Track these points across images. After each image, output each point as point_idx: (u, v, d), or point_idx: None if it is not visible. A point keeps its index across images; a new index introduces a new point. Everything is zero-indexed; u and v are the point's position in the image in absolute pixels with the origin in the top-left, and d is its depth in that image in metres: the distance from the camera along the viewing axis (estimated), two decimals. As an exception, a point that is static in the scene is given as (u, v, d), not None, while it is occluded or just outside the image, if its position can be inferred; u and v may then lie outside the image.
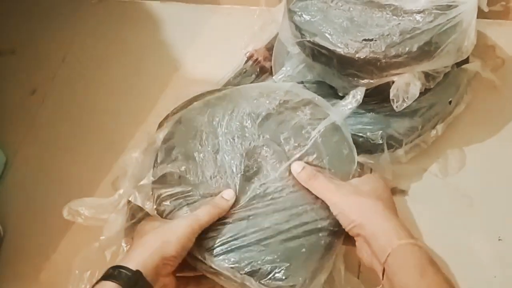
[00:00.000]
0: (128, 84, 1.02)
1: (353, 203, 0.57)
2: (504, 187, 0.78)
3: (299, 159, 0.62)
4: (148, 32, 1.10)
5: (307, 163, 0.62)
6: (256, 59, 0.94)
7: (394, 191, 0.80)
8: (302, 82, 0.84)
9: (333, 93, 0.82)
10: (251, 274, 0.54)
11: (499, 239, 0.74)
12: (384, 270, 0.53)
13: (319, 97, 0.69)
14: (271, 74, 0.91)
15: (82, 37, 1.12)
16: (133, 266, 0.52)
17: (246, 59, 0.95)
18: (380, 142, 0.76)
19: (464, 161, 0.81)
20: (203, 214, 0.57)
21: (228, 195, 0.60)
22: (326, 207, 0.58)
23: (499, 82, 0.84)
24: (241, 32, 1.00)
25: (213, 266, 0.55)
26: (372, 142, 0.77)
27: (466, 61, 0.81)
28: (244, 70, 0.93)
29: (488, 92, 0.86)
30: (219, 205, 0.59)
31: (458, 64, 0.79)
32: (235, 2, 1.07)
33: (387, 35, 0.68)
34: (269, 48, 0.94)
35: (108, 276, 0.52)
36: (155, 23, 1.11)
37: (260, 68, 0.93)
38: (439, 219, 0.77)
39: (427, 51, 0.68)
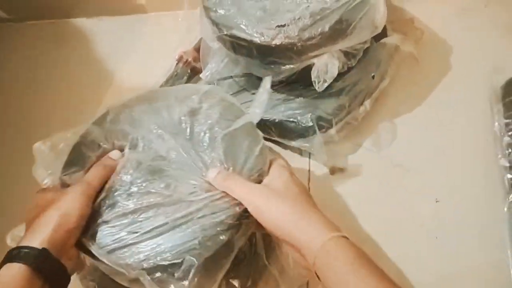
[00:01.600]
0: (64, 104, 1.02)
1: (272, 206, 0.54)
2: (435, 152, 0.81)
3: (207, 158, 0.60)
4: (79, 49, 1.10)
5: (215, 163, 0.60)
6: (186, 60, 0.95)
7: (333, 169, 0.82)
8: (231, 77, 0.86)
9: (262, 84, 0.83)
10: (145, 270, 0.52)
11: (436, 201, 0.77)
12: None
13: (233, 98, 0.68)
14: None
15: (12, 63, 1.11)
16: (37, 245, 0.50)
17: (176, 62, 0.95)
18: (311, 124, 0.78)
19: (395, 133, 0.83)
20: (93, 177, 0.57)
21: (115, 155, 0.60)
22: (226, 200, 0.56)
23: (419, 54, 0.87)
24: (170, 37, 1.01)
25: (105, 261, 0.53)
26: (303, 125, 0.78)
27: (384, 35, 0.84)
28: (175, 73, 0.94)
29: (410, 64, 0.89)
30: (106, 165, 0.59)
31: (377, 40, 0.82)
32: (160, 8, 1.08)
33: (298, 18, 0.69)
34: (198, 48, 0.94)
35: (12, 257, 0.50)
36: (84, 39, 1.11)
37: (191, 69, 0.94)
38: (378, 190, 0.79)
39: (339, 29, 0.70)
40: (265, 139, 0.83)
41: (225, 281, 0.66)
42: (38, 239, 0.51)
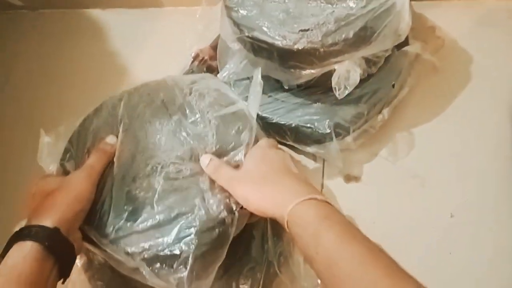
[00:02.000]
0: (75, 95, 1.01)
1: (249, 192, 0.55)
2: (452, 165, 0.79)
3: (198, 144, 0.61)
4: (93, 41, 1.09)
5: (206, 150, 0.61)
6: (202, 58, 0.93)
7: (348, 178, 0.81)
8: (248, 78, 0.84)
9: (280, 87, 0.82)
10: (145, 260, 0.54)
11: (451, 216, 0.75)
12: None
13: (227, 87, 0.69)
14: (218, 72, 0.90)
15: (25, 53, 1.10)
16: (49, 224, 0.51)
17: (192, 59, 0.94)
18: (328, 131, 0.76)
19: (413, 143, 0.82)
20: (95, 162, 0.59)
21: (111, 140, 0.62)
22: (220, 192, 0.57)
23: (439, 63, 0.85)
24: (186, 33, 0.99)
25: (108, 250, 0.54)
26: (320, 132, 0.77)
27: (406, 43, 0.82)
28: (190, 71, 0.92)
29: (431, 73, 0.87)
30: (106, 150, 0.61)
31: (398, 48, 0.80)
32: (177, 3, 1.06)
33: (322, 23, 0.68)
34: (214, 46, 0.93)
35: (23, 236, 0.50)
36: (99, 31, 1.09)
37: (206, 68, 0.93)
38: (393, 201, 0.78)
39: (363, 36, 0.68)
40: (280, 143, 0.83)
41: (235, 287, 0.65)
42: (49, 219, 0.51)
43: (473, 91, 0.85)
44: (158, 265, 0.53)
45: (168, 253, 0.53)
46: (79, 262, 0.68)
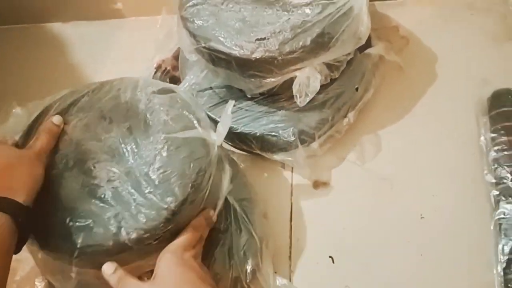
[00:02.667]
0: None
1: None
2: (420, 165, 0.79)
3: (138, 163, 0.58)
4: (55, 54, 1.06)
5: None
6: (165, 69, 0.91)
7: (316, 183, 0.80)
8: (210, 88, 0.83)
9: (243, 95, 0.81)
10: None
11: (421, 217, 0.75)
12: None
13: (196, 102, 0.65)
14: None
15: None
16: (22, 201, 0.52)
17: (154, 70, 0.92)
18: (293, 139, 0.75)
19: (380, 145, 0.81)
20: (42, 143, 0.59)
21: (57, 120, 0.62)
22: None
23: (404, 63, 0.85)
24: (148, 43, 0.97)
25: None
26: (285, 139, 0.76)
27: (368, 45, 0.81)
28: (153, 82, 0.90)
29: (396, 73, 0.87)
30: (51, 130, 0.61)
31: (361, 50, 0.79)
32: (138, 13, 1.05)
33: (279, 32, 0.67)
34: (176, 56, 0.92)
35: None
36: (61, 45, 1.07)
37: (170, 78, 0.91)
38: (362, 205, 0.77)
39: (321, 42, 0.67)
40: (246, 152, 0.82)
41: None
42: (21, 195, 0.52)
43: (439, 89, 0.85)
44: None
45: None
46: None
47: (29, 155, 0.57)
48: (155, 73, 0.92)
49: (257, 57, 0.67)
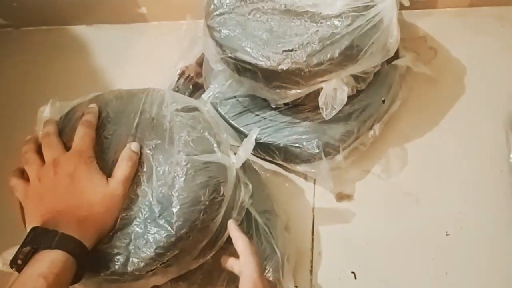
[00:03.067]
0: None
1: None
2: (447, 180, 0.77)
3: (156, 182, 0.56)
4: (78, 58, 1.06)
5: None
6: (188, 75, 0.91)
7: (339, 196, 0.79)
8: (234, 97, 0.82)
9: (267, 105, 0.80)
10: None
11: (446, 234, 0.73)
12: None
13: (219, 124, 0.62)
14: (204, 90, 0.88)
15: (10, 71, 1.08)
16: (88, 245, 0.50)
17: (178, 76, 0.91)
18: (317, 151, 0.74)
19: (406, 159, 0.80)
20: (127, 172, 0.54)
21: (136, 147, 0.57)
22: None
23: (432, 74, 0.83)
24: (171, 48, 0.96)
25: None
26: (309, 151, 0.75)
27: (396, 56, 0.80)
28: (176, 89, 0.90)
29: (423, 85, 0.85)
30: (132, 158, 0.55)
31: (388, 61, 0.78)
32: (162, 17, 1.04)
33: (307, 43, 0.65)
34: (200, 63, 0.91)
35: (63, 244, 0.48)
36: (83, 48, 1.07)
37: (193, 85, 0.91)
38: (386, 219, 0.76)
39: (349, 55, 0.66)
40: (270, 162, 0.81)
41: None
42: (89, 241, 0.50)
43: (467, 102, 0.83)
44: None
45: None
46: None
47: (112, 193, 0.53)
48: (178, 79, 0.91)
49: (284, 69, 0.66)
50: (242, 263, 0.55)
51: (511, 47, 0.87)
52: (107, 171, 0.55)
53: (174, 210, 0.53)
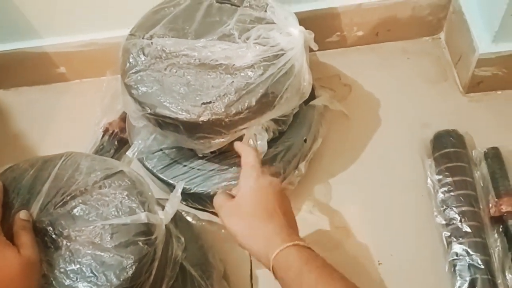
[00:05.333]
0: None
1: (237, 230, 0.60)
2: (373, 210, 0.80)
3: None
4: (-2, 123, 1.03)
5: None
6: (113, 132, 0.90)
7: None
8: (161, 150, 0.83)
9: (194, 154, 0.81)
10: None
11: (379, 263, 0.76)
12: None
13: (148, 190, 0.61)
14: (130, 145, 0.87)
15: None
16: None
17: (102, 133, 0.91)
18: (246, 195, 0.75)
19: (330, 194, 0.82)
20: (27, 237, 0.54)
21: (24, 215, 0.56)
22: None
23: (348, 110, 0.87)
24: (94, 106, 0.96)
25: None
26: (239, 197, 0.76)
27: (312, 97, 0.83)
28: (101, 147, 0.89)
29: (341, 121, 0.89)
30: (26, 227, 0.55)
31: (306, 102, 0.81)
32: (82, 75, 1.04)
33: (224, 95, 0.67)
34: (124, 118, 0.91)
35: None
36: (2, 113, 1.04)
37: (118, 141, 0.90)
38: (321, 253, 0.77)
39: (266, 102, 0.68)
40: (203, 211, 0.81)
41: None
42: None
43: (383, 135, 0.88)
44: None
45: None
46: None
47: (28, 259, 0.52)
48: (103, 136, 0.91)
49: (204, 120, 0.68)
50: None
51: (418, 77, 0.93)
52: None
53: (97, 272, 0.53)
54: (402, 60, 0.96)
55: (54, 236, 0.56)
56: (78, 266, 0.53)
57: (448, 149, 0.79)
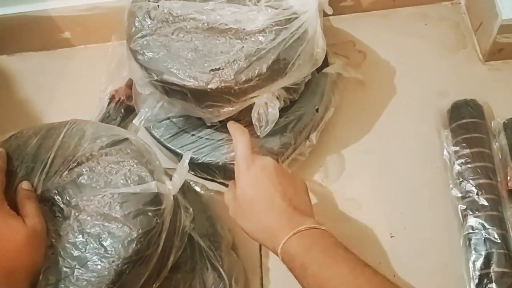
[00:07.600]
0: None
1: (243, 222, 0.62)
2: (386, 182, 0.78)
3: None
4: (2, 90, 1.01)
5: None
6: (119, 99, 0.88)
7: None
8: (168, 118, 0.80)
9: (202, 124, 0.79)
10: None
11: (391, 236, 0.74)
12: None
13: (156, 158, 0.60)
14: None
15: None
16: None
17: (108, 101, 0.88)
18: (255, 166, 0.73)
19: (344, 165, 0.80)
20: (32, 207, 0.53)
21: (26, 185, 0.55)
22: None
23: (362, 78, 0.84)
24: (100, 71, 0.93)
25: None
26: (247, 167, 0.74)
27: (325, 64, 0.80)
28: (107, 115, 0.87)
29: (355, 89, 0.86)
30: (30, 196, 0.54)
31: (318, 70, 0.78)
32: (87, 41, 1.01)
33: (233, 61, 0.64)
34: (130, 85, 0.88)
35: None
36: (6, 79, 1.01)
37: (124, 109, 0.88)
38: (330, 226, 0.75)
39: (277, 69, 0.65)
40: (211, 181, 0.80)
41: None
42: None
43: (399, 104, 0.85)
44: None
45: None
46: None
47: (34, 229, 0.51)
48: (109, 104, 0.88)
49: (213, 88, 0.65)
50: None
51: (436, 45, 0.89)
52: None
53: (105, 243, 0.51)
54: (419, 26, 0.92)
55: (62, 205, 0.54)
56: (86, 237, 0.52)
57: (465, 119, 0.76)
